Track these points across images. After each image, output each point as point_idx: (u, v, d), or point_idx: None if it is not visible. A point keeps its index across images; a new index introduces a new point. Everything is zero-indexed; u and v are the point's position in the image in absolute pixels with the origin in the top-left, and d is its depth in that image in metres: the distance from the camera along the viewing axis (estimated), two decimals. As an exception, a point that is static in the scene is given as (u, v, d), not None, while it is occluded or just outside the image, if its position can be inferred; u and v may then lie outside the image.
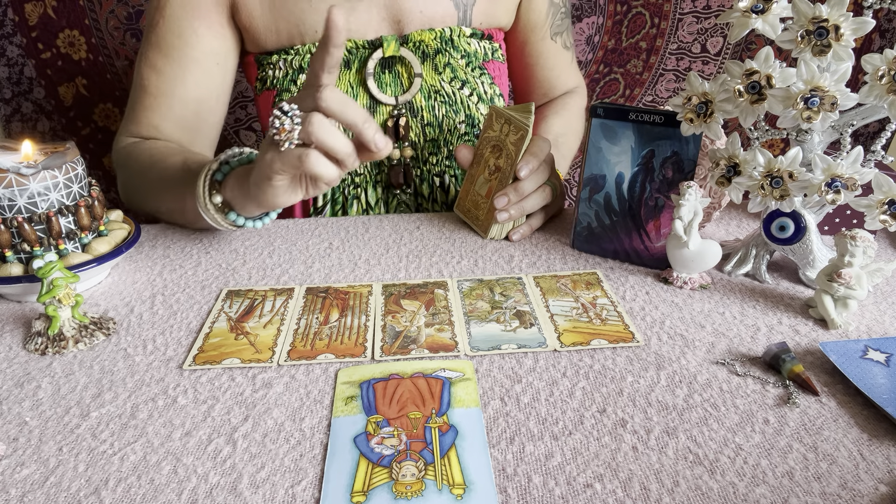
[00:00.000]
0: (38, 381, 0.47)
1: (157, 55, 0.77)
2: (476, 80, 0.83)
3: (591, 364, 0.48)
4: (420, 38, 0.78)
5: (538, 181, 0.69)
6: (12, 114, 1.39)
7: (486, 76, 0.84)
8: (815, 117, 0.50)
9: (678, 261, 0.60)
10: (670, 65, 1.43)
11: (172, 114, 0.79)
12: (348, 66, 0.78)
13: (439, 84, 0.80)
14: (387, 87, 0.79)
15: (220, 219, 0.63)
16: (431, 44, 0.79)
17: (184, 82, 0.77)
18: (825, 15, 0.49)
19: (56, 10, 1.30)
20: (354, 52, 0.77)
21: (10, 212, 0.56)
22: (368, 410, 0.43)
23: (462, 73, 0.81)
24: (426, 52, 0.79)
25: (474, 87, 0.83)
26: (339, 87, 0.77)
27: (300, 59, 0.77)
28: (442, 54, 0.80)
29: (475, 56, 0.82)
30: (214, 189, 0.62)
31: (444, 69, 0.80)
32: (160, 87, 0.77)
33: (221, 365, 0.49)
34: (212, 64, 0.78)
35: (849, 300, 0.53)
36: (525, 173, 0.67)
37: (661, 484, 0.37)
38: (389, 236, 0.73)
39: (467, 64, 0.82)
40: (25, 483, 0.38)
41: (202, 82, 0.78)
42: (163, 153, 0.74)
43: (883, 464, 0.38)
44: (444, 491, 0.36)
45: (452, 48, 0.80)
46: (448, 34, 0.79)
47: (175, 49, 0.76)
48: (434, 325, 0.54)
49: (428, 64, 0.80)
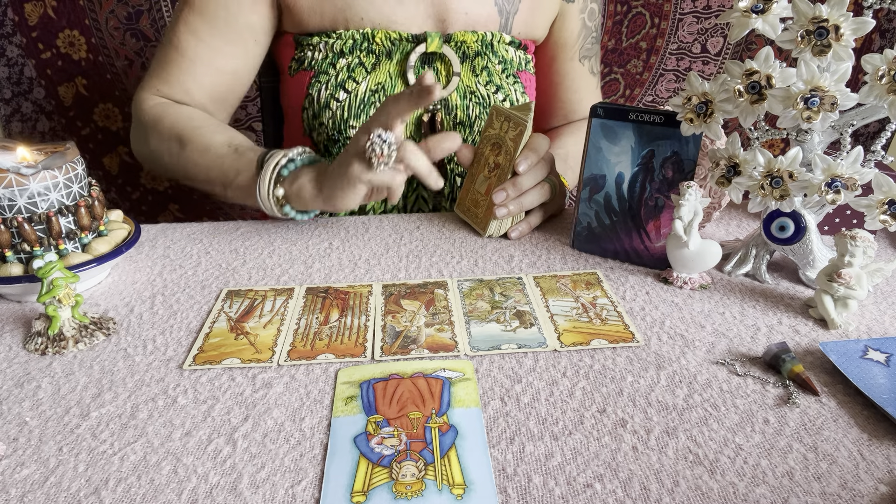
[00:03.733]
0: (38, 381, 0.47)
1: (200, 21, 0.78)
2: (510, 86, 0.84)
3: (591, 364, 0.48)
4: (462, 39, 0.80)
5: (537, 177, 0.69)
6: (12, 114, 1.39)
7: (518, 84, 0.85)
8: (815, 117, 0.50)
9: (678, 261, 0.60)
10: (670, 65, 1.43)
11: (207, 81, 0.80)
12: (390, 56, 0.79)
13: (475, 86, 0.82)
14: None
15: (277, 210, 0.68)
16: (472, 45, 0.80)
17: (223, 53, 0.79)
18: (825, 15, 0.49)
19: (56, 10, 1.30)
20: (398, 43, 0.78)
21: (10, 212, 0.56)
22: (368, 410, 0.43)
23: (497, 79, 0.83)
24: (466, 52, 0.80)
25: (507, 94, 0.84)
26: (380, 76, 0.79)
27: (342, 44, 0.78)
28: (481, 57, 0.81)
29: (511, 64, 0.84)
30: (278, 182, 0.67)
31: (482, 72, 0.82)
32: (199, 53, 0.78)
33: (221, 365, 0.49)
34: (251, 40, 0.80)
35: (849, 300, 0.53)
36: (524, 168, 0.67)
37: (661, 484, 0.37)
38: (389, 236, 0.73)
39: (503, 70, 0.83)
40: (25, 483, 0.38)
41: (239, 56, 0.80)
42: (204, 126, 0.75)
43: (883, 464, 0.38)
44: (444, 491, 0.36)
45: (491, 52, 0.82)
46: (489, 38, 0.81)
47: (219, 19, 0.78)
48: (434, 325, 0.54)
49: (467, 65, 0.81)
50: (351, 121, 0.80)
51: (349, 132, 0.80)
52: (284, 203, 0.68)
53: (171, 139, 0.76)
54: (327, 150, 0.83)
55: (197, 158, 0.74)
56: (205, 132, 0.75)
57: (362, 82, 0.78)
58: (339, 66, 0.78)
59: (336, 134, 0.81)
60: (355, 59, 0.78)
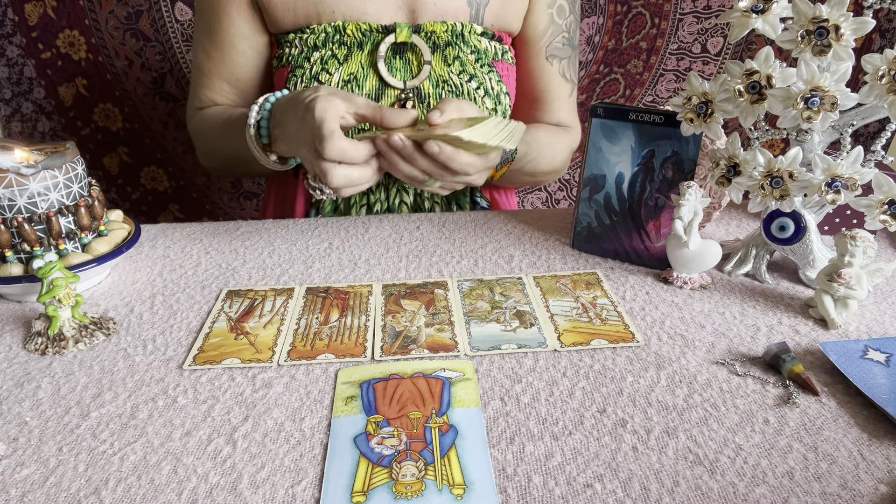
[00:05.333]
0: (38, 381, 0.47)
1: (206, 40, 0.87)
2: (484, 75, 0.84)
3: (591, 364, 0.48)
4: (432, 29, 0.81)
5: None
6: (12, 114, 1.39)
7: (493, 73, 0.85)
8: (815, 117, 0.50)
9: (678, 261, 0.60)
10: (670, 65, 1.43)
11: (222, 89, 0.89)
12: (361, 47, 0.81)
13: (447, 75, 0.83)
14: (396, 71, 0.82)
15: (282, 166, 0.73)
16: (443, 36, 0.82)
17: (226, 65, 0.87)
18: (825, 15, 0.49)
19: (56, 10, 1.30)
20: (368, 34, 0.80)
21: (10, 212, 0.56)
22: (368, 410, 0.43)
23: (471, 68, 0.84)
24: (437, 42, 0.82)
25: (482, 82, 0.84)
26: (352, 66, 0.81)
27: (315, 38, 0.81)
28: (452, 47, 0.83)
29: (485, 53, 0.85)
30: (267, 150, 0.71)
31: (454, 62, 0.83)
32: (210, 68, 0.88)
33: (221, 365, 0.49)
34: (245, 47, 0.86)
35: (849, 300, 0.53)
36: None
37: (661, 484, 0.37)
38: (389, 236, 0.73)
39: (476, 60, 0.84)
40: (25, 483, 0.38)
41: (240, 63, 0.87)
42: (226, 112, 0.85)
43: (883, 464, 0.38)
44: (444, 491, 0.36)
45: (463, 43, 0.83)
46: (459, 29, 0.82)
47: (216, 34, 0.85)
48: (434, 325, 0.54)
49: (438, 54, 0.82)
50: None
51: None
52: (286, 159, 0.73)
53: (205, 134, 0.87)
54: None
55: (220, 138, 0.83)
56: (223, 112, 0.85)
57: (335, 73, 0.80)
58: (313, 60, 0.81)
59: None
60: (328, 51, 0.80)
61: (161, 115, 1.41)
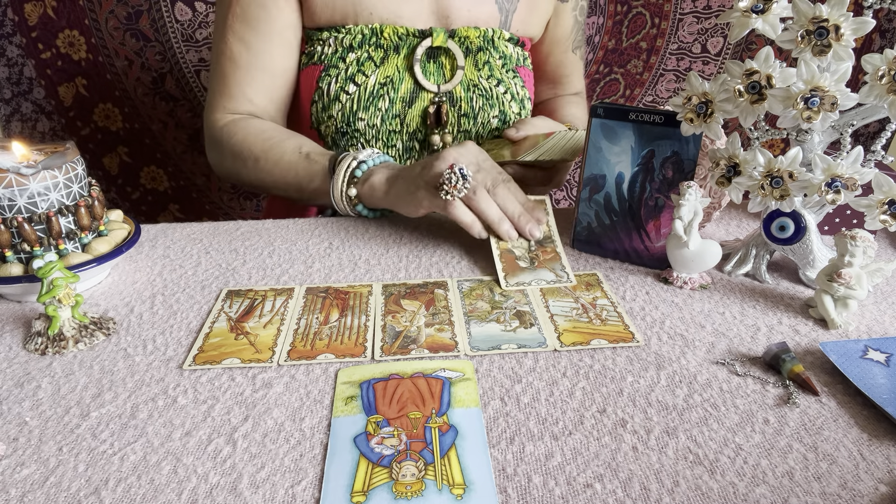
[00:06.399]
0: (38, 381, 0.47)
1: (245, 28, 0.80)
2: (510, 80, 0.88)
3: (591, 364, 0.48)
4: (466, 35, 0.83)
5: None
6: (12, 114, 1.39)
7: (518, 79, 0.89)
8: (815, 117, 0.50)
9: (678, 261, 0.60)
10: (670, 65, 1.43)
11: (264, 87, 0.83)
12: (397, 50, 0.82)
13: (478, 79, 0.85)
14: (431, 75, 0.83)
15: (349, 208, 0.74)
16: (475, 41, 0.84)
17: (272, 56, 0.82)
18: (825, 15, 0.49)
19: (56, 10, 1.30)
20: (405, 38, 0.81)
21: (10, 212, 0.56)
22: (368, 410, 0.43)
23: (498, 73, 0.86)
24: (469, 47, 0.84)
25: (508, 87, 0.88)
26: (388, 69, 0.82)
27: (350, 38, 0.81)
28: (483, 52, 0.85)
29: (510, 59, 0.88)
30: (351, 183, 0.72)
31: (484, 66, 0.85)
32: (251, 61, 0.81)
33: (221, 365, 0.49)
34: (291, 36, 0.83)
35: (849, 300, 0.53)
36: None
37: (661, 484, 0.37)
38: (389, 236, 0.73)
39: (503, 65, 0.87)
40: (25, 483, 0.38)
41: (287, 54, 0.83)
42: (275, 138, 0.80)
43: (883, 464, 0.38)
44: (444, 491, 0.36)
45: (493, 48, 0.85)
46: (490, 34, 0.85)
47: (261, 21, 0.80)
48: (434, 324, 0.54)
49: (470, 59, 0.84)
50: (360, 113, 0.82)
51: (357, 124, 0.83)
52: (357, 202, 0.73)
53: (247, 157, 0.80)
54: (335, 142, 0.85)
55: (272, 169, 0.79)
56: (275, 144, 0.79)
57: (371, 76, 0.81)
58: (349, 60, 0.81)
59: (345, 126, 0.83)
60: (364, 53, 0.81)
61: (161, 115, 1.41)
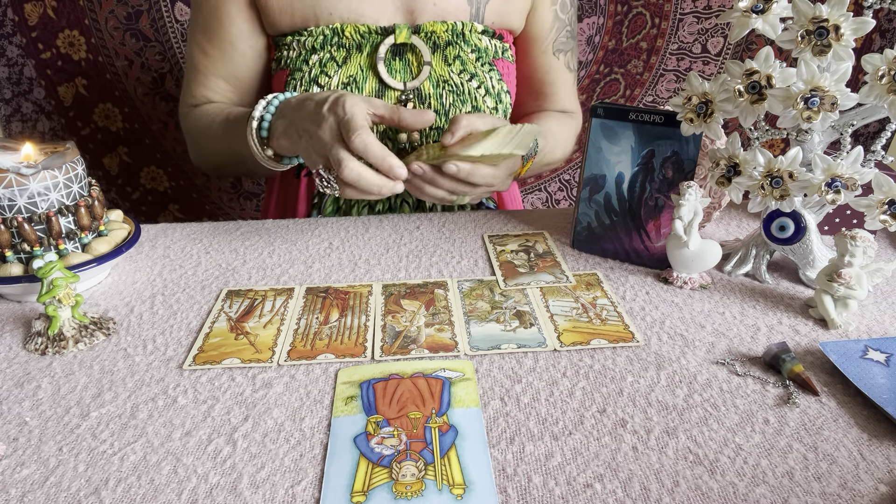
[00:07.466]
0: (38, 381, 0.47)
1: (203, 37, 0.85)
2: (485, 74, 0.84)
3: (591, 364, 0.48)
4: (432, 29, 0.81)
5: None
6: (12, 114, 1.39)
7: (494, 72, 0.85)
8: (815, 117, 0.50)
9: (678, 261, 0.60)
10: (671, 65, 1.43)
11: (219, 88, 0.88)
12: (360, 49, 0.80)
13: (448, 75, 0.82)
14: (396, 72, 0.81)
15: (276, 165, 0.73)
16: (443, 35, 0.81)
17: (224, 64, 0.86)
18: (825, 15, 0.49)
19: (56, 10, 1.30)
20: (367, 36, 0.80)
21: (10, 212, 0.56)
22: (368, 410, 0.43)
23: (471, 67, 0.83)
24: (437, 42, 0.81)
25: (482, 81, 0.84)
26: (351, 69, 0.80)
27: (313, 40, 0.80)
28: (452, 46, 0.82)
29: (485, 52, 0.84)
30: (265, 144, 0.71)
31: (454, 61, 0.83)
32: (207, 66, 0.86)
33: (221, 365, 0.49)
34: (245, 46, 0.85)
35: (849, 300, 0.53)
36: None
37: (661, 484, 0.37)
38: (389, 236, 0.73)
39: (477, 59, 0.84)
40: (25, 483, 0.38)
41: (240, 63, 0.86)
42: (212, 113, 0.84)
43: (883, 464, 0.38)
44: (444, 491, 0.36)
45: (463, 42, 0.82)
46: (459, 28, 0.82)
47: (215, 32, 0.84)
48: (434, 325, 0.54)
49: (438, 54, 0.82)
50: None
51: None
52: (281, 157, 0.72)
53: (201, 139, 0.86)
54: None
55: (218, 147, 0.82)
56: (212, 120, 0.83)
57: (334, 76, 0.80)
58: (312, 62, 0.80)
59: None
60: (326, 54, 0.80)
61: (161, 115, 1.41)
